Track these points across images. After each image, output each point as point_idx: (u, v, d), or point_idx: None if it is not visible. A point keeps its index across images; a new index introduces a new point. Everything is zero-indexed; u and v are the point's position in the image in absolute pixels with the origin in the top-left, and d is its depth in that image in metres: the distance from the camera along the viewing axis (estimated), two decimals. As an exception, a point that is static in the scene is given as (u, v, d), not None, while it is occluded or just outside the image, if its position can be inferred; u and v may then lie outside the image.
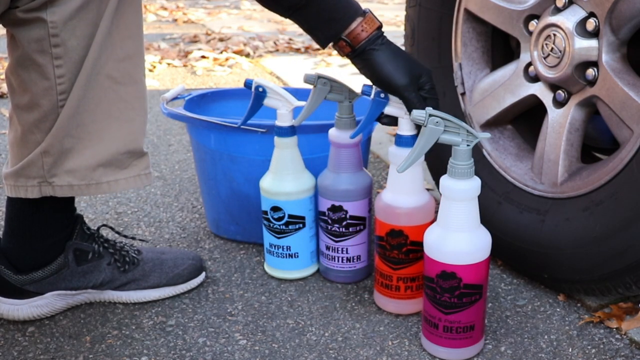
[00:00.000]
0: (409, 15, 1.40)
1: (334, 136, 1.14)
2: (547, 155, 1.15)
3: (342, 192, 1.15)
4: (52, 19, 0.92)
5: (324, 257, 1.21)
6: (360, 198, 1.16)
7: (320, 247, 1.22)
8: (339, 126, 1.14)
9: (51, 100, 0.96)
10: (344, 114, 1.14)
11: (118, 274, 1.14)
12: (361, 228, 1.18)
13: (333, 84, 1.13)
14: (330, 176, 1.16)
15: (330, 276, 1.22)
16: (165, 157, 1.90)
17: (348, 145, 1.14)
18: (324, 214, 1.18)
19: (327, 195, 1.16)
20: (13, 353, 1.03)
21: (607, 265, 1.04)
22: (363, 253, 1.20)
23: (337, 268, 1.20)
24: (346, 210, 1.16)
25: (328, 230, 1.18)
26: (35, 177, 1.01)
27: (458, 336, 0.98)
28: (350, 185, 1.15)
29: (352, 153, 1.15)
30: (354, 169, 1.16)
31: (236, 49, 3.39)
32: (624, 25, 1.02)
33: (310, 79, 1.13)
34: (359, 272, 1.21)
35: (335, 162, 1.16)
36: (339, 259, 1.19)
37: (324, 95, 1.13)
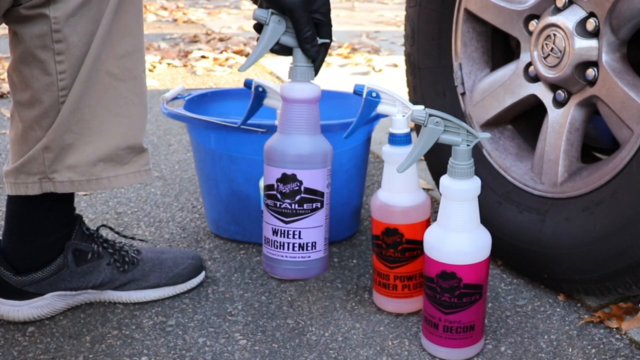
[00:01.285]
0: (409, 15, 1.40)
1: (289, 90, 0.96)
2: (547, 155, 1.15)
3: (295, 157, 0.96)
4: (55, 15, 0.93)
5: (269, 246, 1.00)
6: (319, 167, 0.97)
7: (264, 233, 1.01)
8: (294, 76, 0.97)
9: (52, 96, 0.97)
10: (299, 62, 0.96)
11: (118, 274, 1.14)
12: (318, 206, 0.98)
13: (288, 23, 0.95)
14: (282, 139, 0.96)
15: (276, 271, 1.01)
16: (165, 157, 1.90)
17: (306, 100, 0.96)
18: (271, 187, 0.98)
19: (276, 162, 0.96)
20: (13, 353, 1.03)
21: (607, 265, 1.04)
22: (319, 240, 1.00)
23: (286, 258, 0.99)
24: (300, 181, 0.96)
25: (276, 209, 0.98)
26: (36, 173, 1.01)
27: (458, 336, 0.98)
28: (306, 149, 0.96)
29: (311, 110, 0.97)
30: (312, 130, 0.97)
31: (236, 49, 3.39)
32: (624, 25, 1.02)
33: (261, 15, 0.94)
34: (313, 264, 1.00)
35: (288, 122, 0.97)
36: (289, 246, 0.98)
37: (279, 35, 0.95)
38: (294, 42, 0.95)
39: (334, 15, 1.03)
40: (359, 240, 1.39)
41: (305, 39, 0.94)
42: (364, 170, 1.37)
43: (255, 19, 0.93)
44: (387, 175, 1.08)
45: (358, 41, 3.72)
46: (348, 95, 1.42)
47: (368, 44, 3.61)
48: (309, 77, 0.97)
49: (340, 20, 4.64)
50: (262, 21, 0.93)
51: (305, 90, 0.96)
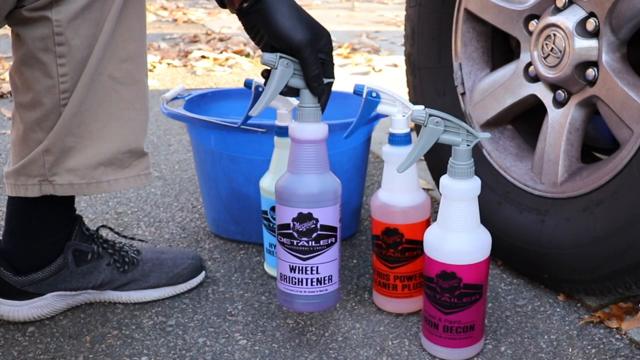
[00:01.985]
0: (409, 15, 1.40)
1: (299, 131, 0.97)
2: (547, 155, 1.15)
3: (311, 197, 0.97)
4: (57, 18, 0.93)
5: (286, 282, 1.00)
6: (331, 203, 0.98)
7: (280, 270, 1.01)
8: (303, 117, 0.98)
9: (53, 98, 0.97)
10: (307, 103, 0.97)
11: (118, 274, 1.14)
12: (333, 241, 0.99)
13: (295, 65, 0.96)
14: (294, 179, 0.98)
15: (295, 305, 1.01)
16: (165, 157, 1.90)
17: (316, 141, 0.97)
18: (287, 226, 0.98)
19: (291, 202, 0.97)
20: (13, 353, 1.03)
21: (607, 265, 1.04)
22: (334, 273, 1.01)
23: (304, 293, 1.00)
24: (316, 219, 0.97)
25: (293, 247, 0.98)
26: (36, 175, 1.01)
27: (458, 336, 0.98)
28: (320, 188, 0.97)
29: (321, 149, 0.98)
30: (323, 168, 0.98)
31: (236, 49, 3.39)
32: (624, 25, 1.02)
33: (270, 59, 0.94)
34: (329, 297, 1.01)
35: (299, 162, 0.98)
36: (308, 282, 0.99)
37: (288, 78, 0.96)
38: (301, 84, 0.96)
39: (334, 15, 1.03)
40: (359, 240, 1.39)
41: (313, 77, 0.94)
42: (364, 170, 1.37)
43: (264, 64, 0.94)
44: (387, 175, 1.08)
45: (358, 41, 3.72)
46: (348, 95, 1.42)
47: (368, 44, 3.61)
48: (317, 117, 0.97)
49: (340, 20, 4.64)
50: (271, 65, 0.94)
51: (316, 131, 0.97)
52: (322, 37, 0.95)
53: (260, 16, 0.93)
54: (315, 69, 0.94)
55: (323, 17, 4.63)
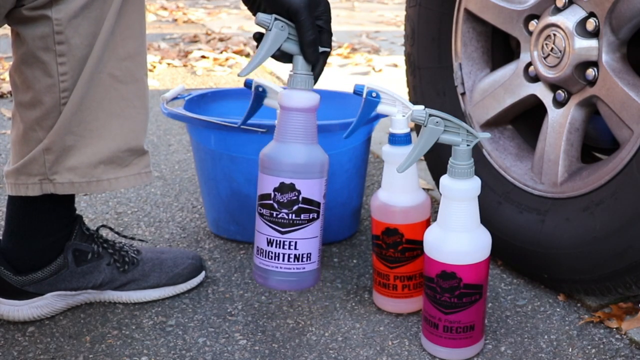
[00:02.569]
0: (409, 15, 1.40)
1: (288, 97, 0.94)
2: (547, 155, 1.15)
3: (295, 166, 0.93)
4: (57, 17, 0.93)
5: (262, 256, 0.97)
6: (316, 176, 0.95)
7: (257, 243, 0.98)
8: (293, 84, 0.95)
9: (54, 97, 0.97)
10: (300, 70, 0.95)
11: (118, 274, 1.14)
12: (314, 217, 0.96)
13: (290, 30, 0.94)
14: (279, 147, 0.94)
15: (269, 282, 0.98)
16: (165, 157, 1.90)
17: (305, 109, 0.95)
18: (267, 196, 0.95)
19: (273, 170, 0.94)
20: (13, 353, 1.03)
21: (607, 265, 1.04)
22: (314, 251, 0.98)
23: (281, 269, 0.96)
24: (299, 191, 0.94)
25: (272, 219, 0.94)
26: (36, 174, 1.01)
27: (458, 336, 0.98)
28: (305, 158, 0.94)
29: (310, 118, 0.95)
30: (311, 139, 0.95)
31: (236, 49, 3.39)
32: (624, 25, 1.02)
33: (265, 20, 0.92)
34: (307, 276, 0.98)
35: (286, 130, 0.94)
36: (284, 257, 0.95)
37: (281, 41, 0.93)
38: (295, 49, 0.94)
39: (334, 15, 1.03)
40: (359, 240, 1.39)
41: (308, 42, 0.93)
42: (364, 170, 1.37)
43: (258, 24, 0.92)
44: (387, 175, 1.08)
45: (358, 41, 3.72)
46: (348, 95, 1.42)
47: (368, 44, 3.61)
48: (309, 85, 0.95)
49: (340, 20, 4.64)
50: (266, 26, 0.92)
51: (305, 98, 0.94)
52: (320, 4, 0.93)
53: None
54: (311, 33, 0.92)
55: (323, 17, 4.63)
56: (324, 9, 0.94)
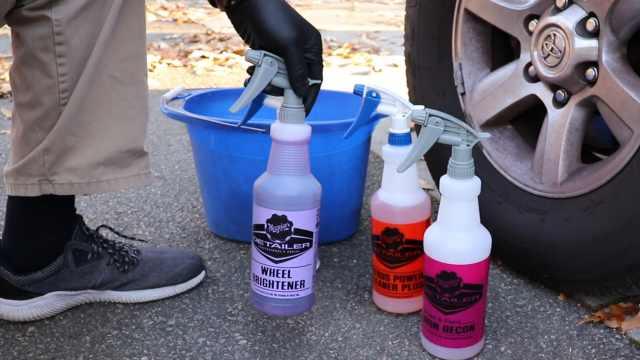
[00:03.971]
0: (409, 15, 1.40)
1: (280, 131, 0.95)
2: (547, 155, 1.15)
3: (286, 199, 0.95)
4: (57, 17, 0.93)
5: (258, 284, 0.99)
6: (309, 207, 0.96)
7: (253, 270, 1.00)
8: (284, 117, 0.96)
9: (53, 98, 0.97)
10: (290, 104, 0.96)
11: (118, 274, 1.14)
12: (307, 246, 0.97)
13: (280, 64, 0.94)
14: (272, 180, 0.96)
15: (265, 308, 1.00)
16: (165, 157, 1.90)
17: (297, 142, 0.96)
18: (261, 227, 0.97)
19: (266, 202, 0.96)
20: (13, 353, 1.03)
21: (607, 265, 1.04)
22: (308, 278, 0.99)
23: (275, 296, 0.98)
24: (290, 222, 0.95)
25: (265, 248, 0.97)
26: (36, 175, 1.01)
27: (458, 336, 0.98)
28: (297, 191, 0.95)
29: (302, 151, 0.96)
30: (302, 171, 0.97)
31: (236, 49, 3.38)
32: (624, 25, 1.02)
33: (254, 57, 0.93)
34: (301, 302, 0.99)
35: (279, 163, 0.96)
36: (278, 285, 0.98)
37: (271, 76, 0.94)
38: (285, 83, 0.95)
39: (334, 15, 1.03)
40: (359, 240, 1.39)
41: (296, 77, 0.93)
42: (364, 170, 1.37)
43: (247, 60, 0.93)
44: (387, 175, 1.08)
45: (358, 41, 3.72)
46: (348, 95, 1.42)
47: (368, 44, 3.61)
48: (300, 118, 0.96)
49: (340, 20, 4.64)
50: (255, 62, 0.93)
51: (297, 132, 0.95)
52: (311, 37, 0.93)
53: (247, 13, 0.92)
54: (299, 68, 0.92)
55: (323, 17, 4.64)
56: (314, 41, 0.94)
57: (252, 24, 0.92)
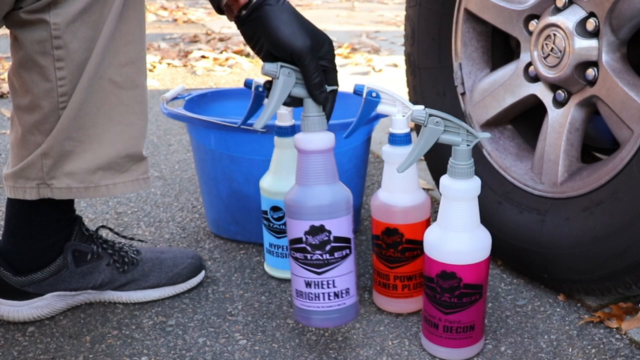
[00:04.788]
0: (409, 15, 1.40)
1: (305, 141, 0.94)
2: (547, 155, 1.15)
3: (322, 208, 0.94)
4: (55, 21, 0.92)
5: (302, 298, 0.97)
6: (344, 214, 0.96)
7: (295, 286, 0.99)
8: (308, 127, 0.95)
9: (52, 102, 0.96)
10: (311, 113, 0.95)
11: (117, 274, 1.14)
12: (347, 252, 0.97)
13: (297, 74, 0.94)
14: (304, 191, 0.95)
15: (313, 322, 0.98)
16: (165, 157, 1.90)
17: (323, 150, 0.95)
18: (299, 240, 0.95)
19: (301, 215, 0.94)
20: (13, 353, 1.03)
21: (607, 265, 1.04)
22: (352, 285, 0.98)
23: (322, 309, 0.97)
24: (329, 231, 0.94)
25: (307, 261, 0.96)
26: (34, 178, 1.01)
27: (458, 336, 0.98)
28: (331, 198, 0.94)
29: (329, 158, 0.96)
30: (332, 178, 0.96)
31: (236, 49, 3.39)
32: (624, 25, 1.02)
33: (271, 69, 0.93)
34: (348, 310, 0.98)
35: (308, 173, 0.95)
36: (324, 296, 0.96)
37: (290, 87, 0.94)
38: (304, 93, 0.94)
39: (334, 15, 1.03)
40: (359, 240, 1.39)
41: (314, 85, 0.92)
42: (364, 170, 1.37)
43: (265, 74, 0.93)
44: (387, 175, 1.08)
45: (358, 41, 3.72)
46: (348, 95, 1.42)
47: (368, 44, 3.61)
48: (323, 126, 0.95)
49: (340, 20, 4.64)
50: (272, 75, 0.93)
51: (321, 140, 0.94)
52: (324, 44, 0.93)
53: (259, 24, 0.92)
54: (316, 76, 0.92)
55: (323, 17, 4.64)
56: (327, 48, 0.94)
57: (265, 35, 0.92)
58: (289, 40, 0.91)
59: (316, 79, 0.92)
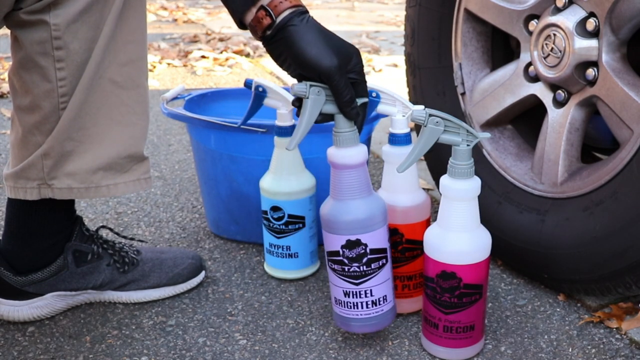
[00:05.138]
0: (409, 15, 1.40)
1: (338, 157, 0.95)
2: (547, 155, 1.15)
3: (357, 223, 0.95)
4: (55, 22, 0.92)
5: (341, 306, 1.00)
6: (379, 226, 0.97)
7: (334, 294, 1.01)
8: (340, 143, 0.95)
9: (52, 102, 0.96)
10: (342, 128, 0.95)
11: (118, 274, 1.14)
12: (384, 262, 0.98)
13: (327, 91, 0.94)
14: (338, 206, 0.96)
15: (352, 328, 1.01)
16: (165, 157, 1.90)
17: (356, 165, 0.95)
18: (336, 253, 0.97)
19: (337, 229, 0.96)
20: (13, 353, 1.03)
21: (607, 265, 1.04)
22: (388, 292, 1.00)
23: (361, 316, 0.99)
24: (365, 244, 0.96)
25: (344, 273, 0.98)
26: (34, 179, 1.01)
27: (458, 336, 0.98)
28: (366, 213, 0.95)
29: (362, 172, 0.96)
30: (366, 191, 0.96)
31: (236, 48, 3.38)
32: (624, 25, 1.02)
33: (301, 90, 0.93)
34: (386, 316, 1.01)
35: (342, 188, 0.95)
36: (362, 305, 0.99)
37: (321, 106, 0.94)
38: (334, 109, 0.94)
39: (334, 15, 1.03)
40: (359, 240, 1.39)
41: (345, 102, 0.91)
42: (364, 170, 1.37)
43: (295, 95, 0.92)
44: (387, 175, 1.08)
45: (358, 41, 3.72)
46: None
47: (368, 44, 3.61)
48: (355, 141, 0.95)
49: (340, 20, 4.64)
50: (302, 95, 0.92)
51: (355, 156, 0.95)
52: (352, 58, 0.92)
53: (284, 44, 0.90)
54: (346, 93, 0.91)
55: (323, 17, 4.63)
56: (355, 61, 0.92)
57: (291, 56, 0.91)
58: (316, 61, 0.89)
59: (347, 96, 0.91)
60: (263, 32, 0.92)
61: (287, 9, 0.90)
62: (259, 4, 0.90)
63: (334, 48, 0.91)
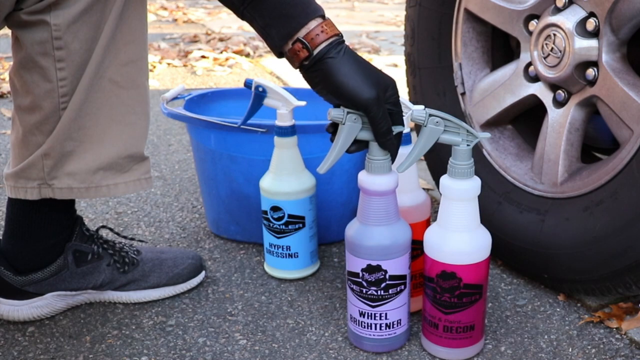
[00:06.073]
0: (409, 15, 1.40)
1: (369, 183, 0.95)
2: (547, 155, 1.15)
3: (380, 249, 0.96)
4: (56, 22, 0.92)
5: (356, 324, 1.02)
6: (401, 254, 0.98)
7: (350, 312, 1.03)
8: (372, 170, 0.95)
9: (53, 102, 0.96)
10: (376, 156, 0.94)
11: (118, 274, 1.14)
12: (402, 288, 1.00)
13: (363, 119, 0.93)
14: (365, 230, 0.97)
15: (364, 346, 1.03)
16: (165, 157, 1.90)
17: (386, 193, 0.95)
18: (356, 274, 0.99)
19: (360, 253, 0.97)
20: (13, 353, 1.03)
21: (607, 265, 1.04)
22: (403, 316, 1.02)
23: (373, 337, 1.01)
24: (385, 270, 0.97)
25: (362, 294, 0.99)
26: (35, 179, 1.01)
27: (458, 336, 0.98)
28: (390, 241, 0.96)
29: (391, 200, 0.96)
30: (393, 219, 0.97)
31: (236, 48, 3.39)
32: (624, 25, 1.02)
33: (338, 116, 0.92)
34: (398, 338, 1.02)
35: (369, 213, 0.97)
36: (376, 326, 1.01)
37: (356, 132, 0.93)
38: (370, 136, 0.94)
39: (334, 15, 1.03)
40: (359, 240, 1.39)
41: (382, 133, 0.91)
42: (364, 170, 1.37)
43: (332, 120, 0.92)
44: (387, 175, 1.08)
45: (358, 41, 3.72)
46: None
47: (368, 44, 3.61)
48: (387, 169, 0.95)
49: (340, 20, 4.64)
50: (339, 121, 0.92)
51: (385, 183, 0.95)
52: (388, 89, 0.92)
53: (322, 76, 0.90)
54: (384, 125, 0.91)
55: (323, 17, 4.63)
56: (392, 92, 0.92)
57: (328, 88, 0.91)
58: (354, 94, 0.89)
59: (384, 127, 0.91)
60: (300, 63, 0.91)
61: (324, 41, 0.89)
62: (296, 37, 0.89)
63: (372, 79, 0.90)
